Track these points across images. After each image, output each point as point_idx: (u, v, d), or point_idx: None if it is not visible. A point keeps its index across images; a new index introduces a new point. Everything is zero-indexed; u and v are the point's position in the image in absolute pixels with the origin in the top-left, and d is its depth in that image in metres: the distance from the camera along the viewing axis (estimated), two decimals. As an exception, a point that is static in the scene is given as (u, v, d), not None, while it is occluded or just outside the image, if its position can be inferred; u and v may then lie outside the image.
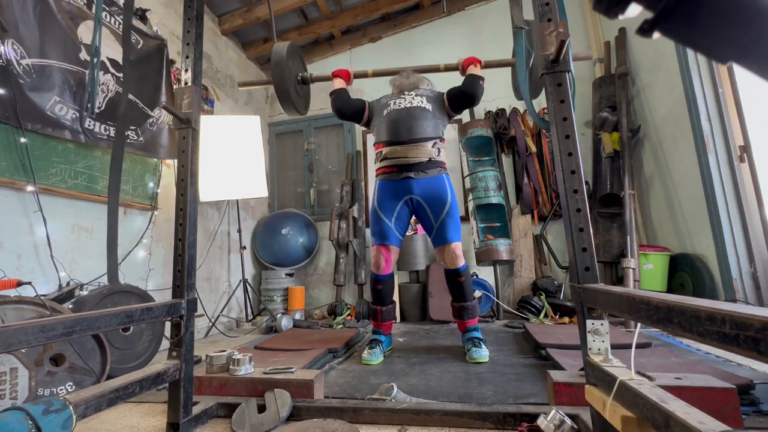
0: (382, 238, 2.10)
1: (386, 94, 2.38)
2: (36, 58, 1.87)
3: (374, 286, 2.14)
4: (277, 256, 3.85)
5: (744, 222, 2.40)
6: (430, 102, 2.18)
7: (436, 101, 2.21)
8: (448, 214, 2.08)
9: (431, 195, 2.07)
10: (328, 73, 2.33)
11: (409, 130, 2.06)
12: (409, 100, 2.17)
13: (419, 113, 2.11)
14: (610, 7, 0.32)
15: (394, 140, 2.08)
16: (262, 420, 1.22)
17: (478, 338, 2.04)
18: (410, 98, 2.19)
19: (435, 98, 2.23)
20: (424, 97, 2.20)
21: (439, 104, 2.21)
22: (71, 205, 2.10)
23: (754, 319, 0.41)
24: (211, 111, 3.46)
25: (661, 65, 2.93)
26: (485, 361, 1.92)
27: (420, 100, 2.17)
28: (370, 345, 2.08)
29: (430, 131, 2.09)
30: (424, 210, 2.10)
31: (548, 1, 1.08)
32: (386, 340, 2.19)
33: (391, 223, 2.10)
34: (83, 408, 0.86)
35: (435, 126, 2.13)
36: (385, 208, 2.10)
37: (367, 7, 4.04)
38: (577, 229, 0.99)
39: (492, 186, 3.51)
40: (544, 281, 3.36)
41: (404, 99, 2.19)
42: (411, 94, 2.22)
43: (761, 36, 0.28)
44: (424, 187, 2.06)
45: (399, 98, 2.21)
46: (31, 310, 1.47)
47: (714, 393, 1.06)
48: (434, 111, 2.16)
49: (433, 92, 2.28)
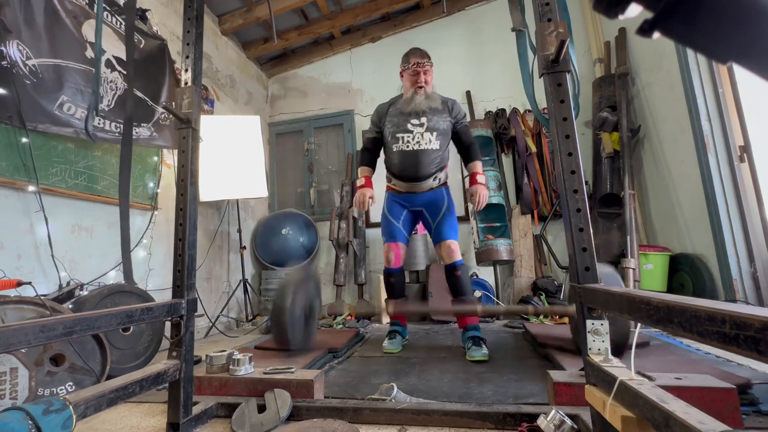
0: (391, 237, 2.34)
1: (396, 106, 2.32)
2: (42, 58, 1.87)
3: (387, 279, 2.37)
4: (277, 256, 3.85)
5: (744, 222, 2.40)
6: (440, 138, 2.25)
7: (446, 134, 2.28)
8: (444, 216, 2.29)
9: (430, 203, 2.32)
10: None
11: (416, 171, 2.24)
12: (418, 139, 2.23)
13: (425, 158, 2.22)
14: (610, 7, 0.32)
15: (402, 177, 2.30)
16: (262, 420, 1.22)
17: (477, 337, 2.09)
18: (419, 135, 2.23)
19: (446, 131, 2.28)
20: (434, 133, 2.23)
21: (448, 136, 2.30)
22: (71, 205, 2.10)
23: (754, 319, 0.41)
24: (211, 111, 3.46)
25: (661, 65, 2.93)
26: (485, 359, 1.94)
27: (429, 139, 2.22)
28: (390, 335, 2.30)
29: (433, 169, 2.25)
30: (425, 215, 2.35)
31: (548, 1, 1.08)
32: (403, 330, 2.38)
33: (398, 224, 2.35)
34: (83, 408, 0.86)
35: (440, 160, 2.28)
36: (393, 214, 2.36)
37: (367, 7, 4.04)
38: (577, 229, 0.99)
39: (492, 186, 3.51)
40: (544, 281, 3.36)
41: (411, 135, 2.23)
42: (421, 125, 2.23)
43: (761, 36, 0.28)
44: (425, 199, 2.32)
45: (407, 133, 2.24)
46: (31, 310, 1.47)
47: (714, 393, 1.06)
48: (442, 146, 2.26)
49: (446, 121, 2.27)
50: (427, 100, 2.23)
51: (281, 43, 4.20)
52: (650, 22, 0.30)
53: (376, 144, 2.39)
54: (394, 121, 2.27)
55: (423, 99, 2.22)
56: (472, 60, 4.16)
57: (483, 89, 4.07)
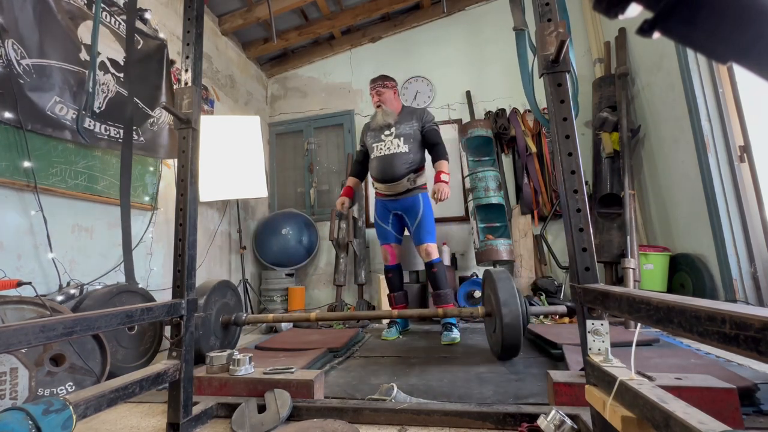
0: (384, 239, 2.75)
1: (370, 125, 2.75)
2: (36, 59, 1.87)
3: (386, 275, 2.78)
4: (277, 256, 3.85)
5: (744, 222, 2.40)
6: (408, 142, 2.58)
7: (414, 139, 2.60)
8: (419, 222, 2.60)
9: (408, 209, 2.64)
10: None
11: (389, 173, 2.58)
12: (388, 145, 2.60)
13: (396, 159, 2.56)
14: (610, 7, 0.32)
15: (380, 179, 2.63)
16: (262, 420, 1.22)
17: (450, 323, 2.46)
18: (389, 141, 2.60)
19: (413, 136, 2.60)
20: (401, 138, 2.58)
21: (417, 141, 2.61)
22: (71, 205, 2.10)
23: (754, 319, 0.41)
24: (211, 111, 3.46)
25: (661, 65, 2.93)
26: (456, 342, 2.32)
27: (398, 144, 2.58)
28: (389, 325, 2.67)
29: (403, 170, 2.56)
30: (405, 219, 2.69)
31: (548, 1, 1.08)
32: (402, 321, 2.76)
33: (388, 227, 2.72)
34: (83, 408, 0.86)
35: (409, 163, 2.57)
36: (382, 218, 2.74)
37: (367, 7, 4.04)
38: (577, 229, 0.99)
39: (492, 186, 3.51)
40: (544, 281, 3.35)
41: (384, 143, 2.61)
42: (390, 134, 2.60)
43: (761, 36, 0.28)
44: (402, 204, 2.66)
45: (381, 142, 2.63)
46: (31, 310, 1.47)
47: (714, 393, 1.06)
48: (411, 149, 2.58)
49: (412, 127, 2.61)
50: (384, 116, 2.62)
51: (281, 43, 4.20)
52: (650, 22, 0.30)
53: (364, 157, 2.80)
54: (372, 135, 2.69)
55: (381, 116, 2.63)
56: (472, 60, 4.16)
57: (483, 89, 4.07)
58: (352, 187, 2.80)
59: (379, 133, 2.64)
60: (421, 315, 2.16)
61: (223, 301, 2.15)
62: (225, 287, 2.21)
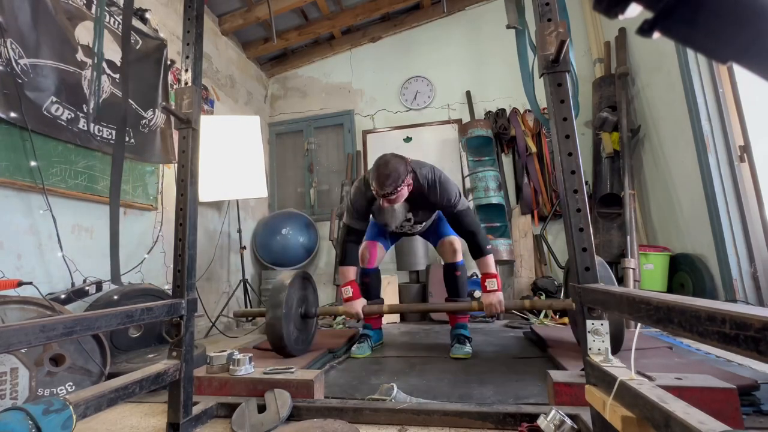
0: (371, 236, 2.29)
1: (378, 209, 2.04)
2: (33, 58, 1.87)
3: (361, 279, 2.25)
4: (277, 256, 3.85)
5: (744, 222, 2.40)
6: (429, 222, 2.24)
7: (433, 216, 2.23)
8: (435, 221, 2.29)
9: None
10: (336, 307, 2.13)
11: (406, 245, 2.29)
12: (408, 229, 2.23)
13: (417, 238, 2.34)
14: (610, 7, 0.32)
15: None
16: (262, 420, 1.22)
17: (464, 336, 2.13)
18: (409, 227, 2.20)
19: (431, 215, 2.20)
20: (423, 223, 2.21)
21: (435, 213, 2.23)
22: (71, 205, 2.10)
23: (754, 319, 0.41)
24: (211, 111, 3.47)
25: (661, 65, 2.93)
26: (466, 357, 1.98)
27: (420, 227, 2.24)
28: (359, 339, 2.21)
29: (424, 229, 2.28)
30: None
31: (548, 1, 1.08)
32: (375, 334, 2.28)
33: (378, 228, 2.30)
34: (83, 408, 0.86)
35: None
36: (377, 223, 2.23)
37: (367, 7, 4.04)
38: (577, 229, 0.99)
39: (492, 186, 3.51)
40: (544, 281, 3.35)
41: (404, 229, 2.20)
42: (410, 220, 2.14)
43: (761, 36, 0.28)
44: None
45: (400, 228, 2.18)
46: (32, 310, 1.47)
47: (714, 393, 1.06)
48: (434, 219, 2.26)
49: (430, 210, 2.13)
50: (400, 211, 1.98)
51: (281, 43, 4.20)
52: (650, 22, 0.30)
53: (361, 236, 2.17)
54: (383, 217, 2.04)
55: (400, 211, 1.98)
56: (472, 60, 4.16)
57: (483, 89, 4.07)
58: (356, 280, 2.13)
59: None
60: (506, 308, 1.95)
61: (302, 293, 2.10)
62: (304, 279, 2.14)
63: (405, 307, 2.09)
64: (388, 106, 4.32)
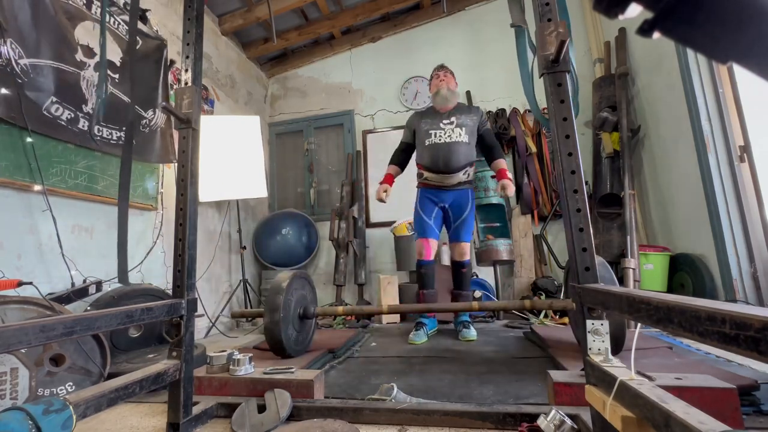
0: (423, 233, 2.59)
1: (427, 113, 2.63)
2: (33, 58, 1.87)
3: (419, 270, 2.60)
4: (277, 256, 3.85)
5: (744, 222, 2.40)
6: (468, 133, 2.50)
7: (473, 133, 2.54)
8: (464, 220, 2.57)
9: (456, 204, 2.58)
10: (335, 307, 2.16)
11: (446, 163, 2.47)
12: (449, 133, 2.49)
13: (456, 148, 2.47)
14: (610, 7, 0.32)
15: (434, 169, 2.52)
16: (262, 420, 1.22)
17: (467, 321, 2.53)
18: (450, 129, 2.49)
19: (473, 129, 2.53)
20: (463, 128, 2.49)
21: (475, 135, 2.55)
22: (71, 205, 2.10)
23: (754, 319, 0.41)
24: (211, 111, 3.47)
25: (661, 65, 2.93)
26: (474, 339, 2.39)
27: (459, 133, 2.48)
28: (416, 327, 2.49)
29: (462, 162, 2.49)
30: (449, 214, 2.61)
31: (548, 1, 1.08)
32: (430, 322, 2.61)
33: (430, 221, 2.58)
34: (83, 408, 0.86)
35: (468, 155, 2.51)
36: (426, 211, 2.60)
37: (367, 7, 4.04)
38: (577, 229, 0.99)
39: (492, 186, 3.51)
40: (544, 281, 3.35)
41: (444, 131, 2.50)
42: (452, 122, 2.50)
43: (761, 36, 0.28)
44: (452, 197, 2.58)
45: (440, 129, 2.50)
46: (32, 310, 1.47)
47: (714, 393, 1.06)
48: (470, 141, 2.52)
49: (473, 120, 2.54)
50: (448, 95, 2.52)
51: (281, 43, 4.20)
52: (650, 22, 0.30)
53: (408, 147, 2.67)
54: (428, 121, 2.55)
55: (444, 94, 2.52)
56: (472, 60, 4.16)
57: (483, 89, 4.07)
58: (393, 175, 2.64)
59: (438, 120, 2.52)
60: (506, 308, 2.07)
61: (301, 293, 2.10)
62: (302, 279, 2.15)
63: (405, 307, 2.09)
64: (388, 106, 4.32)
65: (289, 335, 1.90)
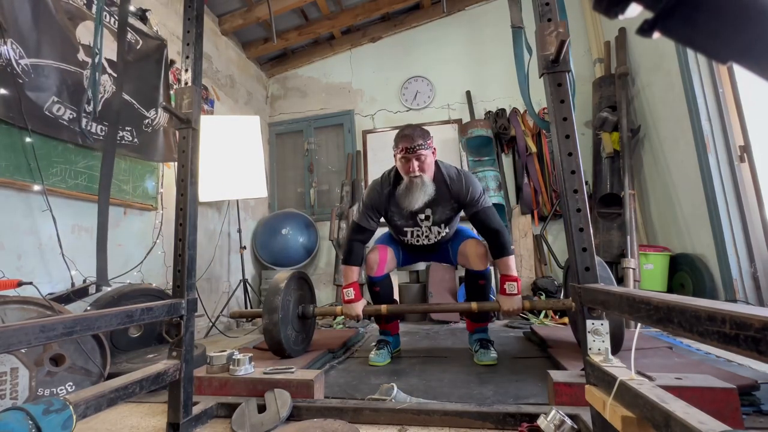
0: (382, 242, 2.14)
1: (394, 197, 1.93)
2: (34, 58, 1.87)
3: (371, 288, 2.09)
4: (277, 256, 3.85)
5: (744, 222, 2.40)
6: (448, 225, 2.01)
7: (453, 219, 2.02)
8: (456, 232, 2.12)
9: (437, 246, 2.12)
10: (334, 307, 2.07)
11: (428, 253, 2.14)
12: (426, 233, 2.00)
13: (439, 244, 2.06)
14: (610, 7, 0.32)
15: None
16: (262, 420, 1.22)
17: (486, 340, 1.99)
18: (426, 228, 1.99)
19: (452, 216, 2.00)
20: (442, 225, 1.99)
21: (456, 218, 2.04)
22: (71, 206, 2.10)
23: (754, 319, 0.41)
24: (211, 111, 3.46)
25: (661, 65, 2.93)
26: (493, 363, 1.85)
27: (438, 231, 2.00)
28: (378, 345, 2.04)
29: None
30: None
31: (548, 1, 1.08)
32: (394, 340, 2.14)
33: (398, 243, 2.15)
34: (83, 408, 0.86)
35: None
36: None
37: (367, 7, 4.04)
38: (577, 229, 0.99)
39: (492, 186, 3.51)
40: (544, 281, 3.36)
41: (420, 230, 1.99)
42: (428, 219, 1.96)
43: (761, 36, 0.28)
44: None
45: (415, 227, 1.99)
46: (32, 310, 1.47)
47: (714, 393, 1.06)
48: (451, 228, 2.05)
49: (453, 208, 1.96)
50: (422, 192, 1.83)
51: (281, 43, 4.20)
52: (650, 22, 0.30)
53: (368, 237, 2.02)
54: (398, 212, 1.97)
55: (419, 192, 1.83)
56: (472, 60, 4.16)
57: (483, 89, 4.07)
58: (357, 281, 2.02)
59: (412, 215, 1.96)
60: None
61: (299, 293, 2.10)
62: (300, 279, 2.15)
63: (405, 307, 2.08)
64: (388, 106, 4.32)
65: (288, 335, 1.90)
